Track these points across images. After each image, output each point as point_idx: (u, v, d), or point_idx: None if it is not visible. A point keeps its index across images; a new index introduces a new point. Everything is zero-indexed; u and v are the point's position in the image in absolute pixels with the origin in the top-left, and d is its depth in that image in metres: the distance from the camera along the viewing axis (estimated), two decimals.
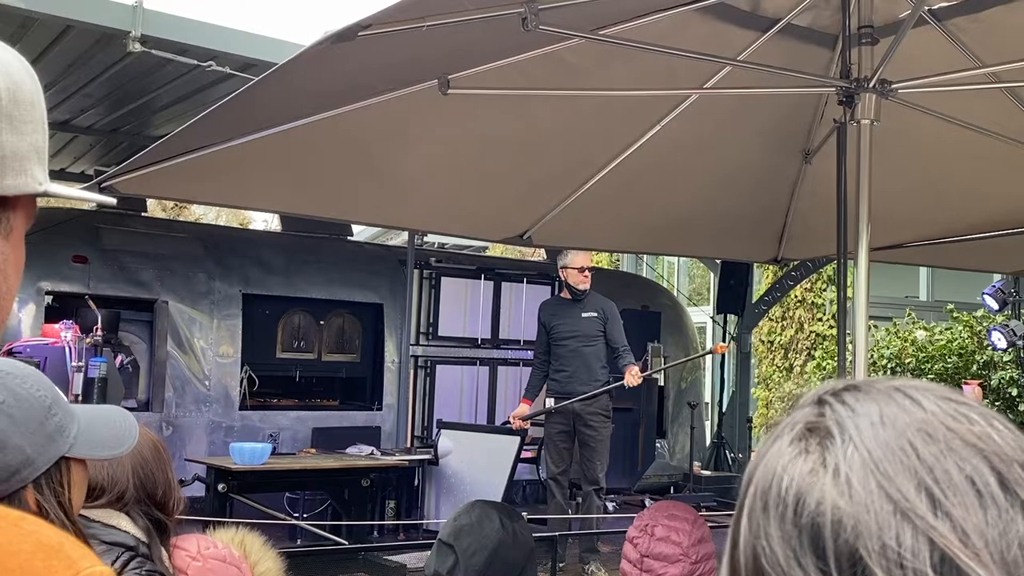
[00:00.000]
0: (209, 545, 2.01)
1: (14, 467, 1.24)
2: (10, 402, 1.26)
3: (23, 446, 1.25)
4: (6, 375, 1.29)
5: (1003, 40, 3.19)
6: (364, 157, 3.68)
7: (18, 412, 1.26)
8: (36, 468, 1.27)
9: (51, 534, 0.75)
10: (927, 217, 4.51)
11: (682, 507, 2.72)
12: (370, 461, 7.30)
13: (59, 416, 1.32)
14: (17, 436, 1.25)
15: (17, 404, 1.26)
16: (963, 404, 0.63)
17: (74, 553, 0.74)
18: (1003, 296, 8.49)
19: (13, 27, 6.29)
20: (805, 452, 0.62)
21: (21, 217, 0.85)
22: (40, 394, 1.30)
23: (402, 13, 2.34)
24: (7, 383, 1.27)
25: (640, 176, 4.12)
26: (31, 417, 1.28)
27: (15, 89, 0.82)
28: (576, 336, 6.77)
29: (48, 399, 1.31)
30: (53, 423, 1.31)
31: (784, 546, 0.59)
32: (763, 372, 13.91)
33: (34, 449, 1.26)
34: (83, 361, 6.01)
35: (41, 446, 1.28)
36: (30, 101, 0.84)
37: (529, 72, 3.25)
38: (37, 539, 0.72)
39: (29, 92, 0.84)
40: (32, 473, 1.26)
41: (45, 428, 1.29)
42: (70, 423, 1.34)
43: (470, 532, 2.01)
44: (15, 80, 0.82)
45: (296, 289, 8.43)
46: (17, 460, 1.24)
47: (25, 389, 1.28)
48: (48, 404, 1.31)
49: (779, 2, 3.25)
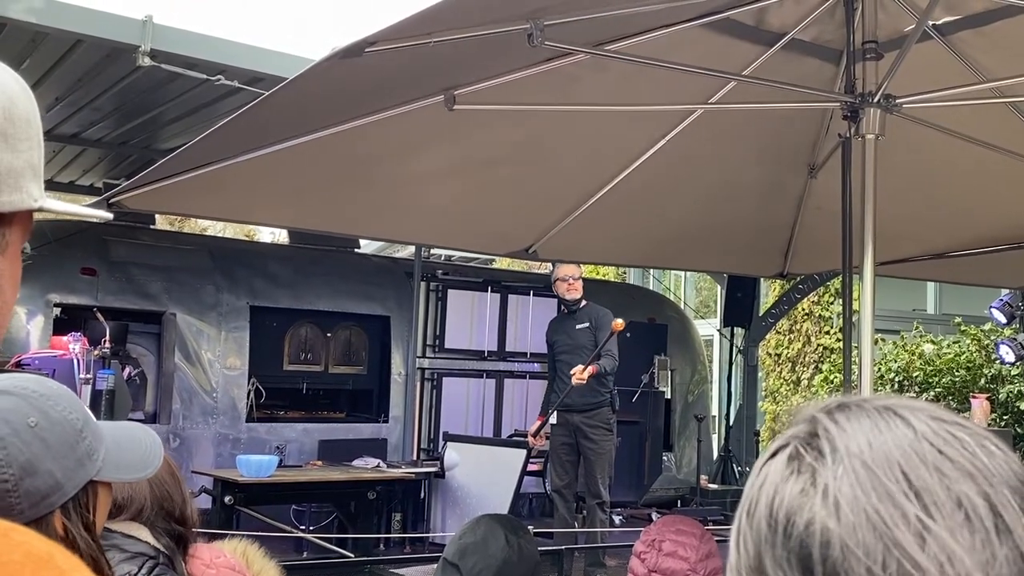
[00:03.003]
0: (219, 554, 2.04)
1: (44, 492, 1.20)
2: (43, 424, 1.22)
3: (54, 471, 1.21)
4: (40, 396, 1.24)
5: (1007, 54, 3.20)
6: (371, 172, 3.70)
7: (51, 435, 1.22)
8: (65, 493, 1.23)
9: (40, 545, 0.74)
10: (933, 231, 4.51)
11: (689, 522, 2.72)
12: (376, 473, 7.30)
13: (89, 439, 1.28)
14: (49, 461, 1.21)
15: (50, 427, 1.22)
16: (955, 424, 0.63)
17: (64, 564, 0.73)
18: (1011, 310, 8.46)
19: (24, 42, 6.34)
20: (796, 472, 0.62)
21: (17, 233, 0.86)
22: (72, 416, 1.26)
23: (408, 29, 2.36)
24: (40, 404, 1.23)
25: (645, 190, 4.12)
26: (63, 441, 1.24)
27: (10, 107, 0.83)
28: (571, 349, 6.79)
29: (80, 422, 1.27)
30: (83, 447, 1.27)
31: (774, 566, 0.60)
32: (770, 385, 13.87)
33: (64, 474, 1.23)
34: (91, 373, 6.03)
35: (71, 470, 1.24)
36: (26, 119, 0.85)
37: (534, 87, 3.26)
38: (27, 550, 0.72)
39: (25, 110, 0.85)
40: (61, 498, 1.23)
41: (76, 452, 1.25)
42: (99, 446, 1.30)
43: (475, 551, 2.00)
44: (10, 98, 0.83)
45: (303, 301, 8.45)
46: (47, 485, 1.20)
47: (58, 412, 1.24)
48: (80, 427, 1.27)
49: (784, 17, 3.26)
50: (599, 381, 6.67)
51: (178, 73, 6.48)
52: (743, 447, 11.04)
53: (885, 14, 3.08)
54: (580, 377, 6.44)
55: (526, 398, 9.48)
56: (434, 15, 2.25)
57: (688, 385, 10.77)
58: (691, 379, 10.83)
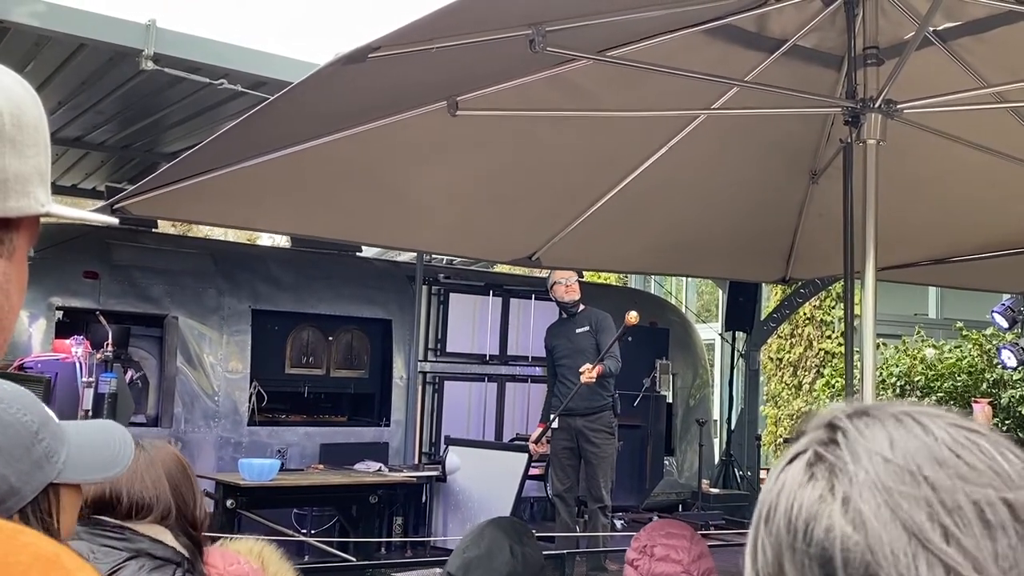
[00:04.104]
0: (232, 561, 2.03)
1: None
2: None
3: (7, 475, 1.17)
4: None
5: (1008, 60, 3.21)
6: (373, 179, 3.70)
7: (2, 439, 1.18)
8: (23, 497, 1.19)
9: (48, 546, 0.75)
10: (934, 236, 4.51)
11: (678, 524, 2.73)
12: (378, 477, 7.30)
13: (47, 441, 1.24)
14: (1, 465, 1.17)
15: (2, 431, 1.18)
16: (973, 431, 0.62)
17: (71, 564, 0.74)
18: (1012, 314, 8.46)
19: (27, 45, 6.36)
20: (814, 478, 0.62)
21: (24, 237, 0.87)
22: (26, 419, 1.22)
23: (412, 35, 2.37)
24: None
25: (648, 197, 4.13)
26: (16, 444, 1.19)
27: (19, 114, 0.84)
28: (572, 354, 6.79)
29: (35, 424, 1.23)
30: (40, 449, 1.22)
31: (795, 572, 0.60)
32: (772, 390, 13.86)
33: (19, 478, 1.19)
34: (93, 377, 6.04)
35: (27, 474, 1.20)
36: (33, 125, 0.86)
37: (537, 94, 3.27)
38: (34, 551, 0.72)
39: (32, 116, 0.86)
40: (19, 503, 1.19)
41: (31, 455, 1.21)
42: (59, 447, 1.26)
43: (479, 565, 1.99)
44: (18, 105, 0.84)
45: (305, 305, 8.46)
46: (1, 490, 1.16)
47: (10, 415, 1.20)
48: (35, 429, 1.22)
49: (786, 23, 3.27)
50: (601, 384, 6.67)
51: (181, 77, 6.50)
52: (744, 451, 11.03)
53: (886, 20, 3.09)
54: (589, 376, 6.46)
55: (527, 402, 9.48)
56: (437, 21, 2.26)
57: (689, 389, 10.76)
58: (693, 383, 10.82)
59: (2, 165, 0.82)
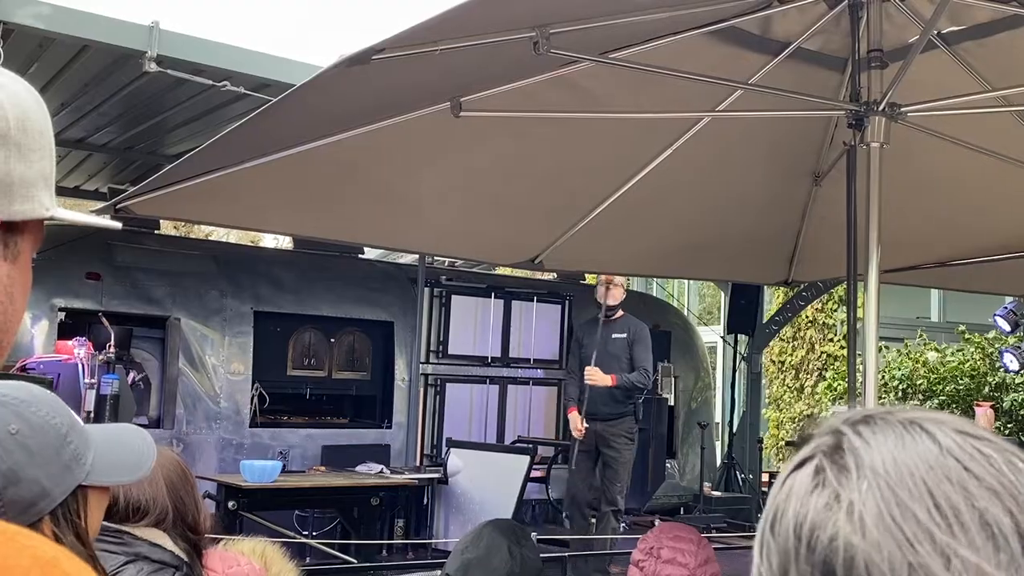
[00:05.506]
0: (232, 563, 2.03)
1: (30, 500, 1.18)
2: (25, 431, 1.19)
3: (39, 478, 1.19)
4: (21, 403, 1.22)
5: (1011, 64, 3.21)
6: (376, 180, 3.70)
7: (33, 442, 1.19)
8: (53, 499, 1.21)
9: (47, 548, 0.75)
10: (937, 239, 4.51)
11: (685, 528, 2.73)
12: (379, 479, 7.30)
13: (75, 444, 1.26)
14: (32, 468, 1.18)
15: (33, 434, 1.20)
16: (981, 440, 0.62)
17: (70, 567, 0.74)
18: (1015, 318, 8.45)
19: (31, 47, 6.37)
20: (821, 486, 0.62)
21: (28, 241, 0.87)
22: (56, 421, 1.24)
23: (416, 37, 2.37)
24: (21, 411, 1.21)
25: (650, 200, 4.13)
26: (47, 446, 1.21)
27: (24, 119, 0.84)
28: (603, 356, 6.80)
29: (64, 426, 1.25)
30: (69, 451, 1.24)
31: None
32: (774, 393, 13.85)
33: (50, 480, 1.21)
34: (96, 378, 6.04)
35: (57, 476, 1.22)
36: (39, 130, 0.86)
37: (540, 96, 3.27)
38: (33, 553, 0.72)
39: (38, 121, 0.86)
40: (49, 504, 1.21)
41: (61, 458, 1.23)
42: (86, 450, 1.28)
43: (478, 565, 2.00)
44: (24, 110, 0.85)
45: (307, 307, 8.45)
46: (33, 493, 1.18)
47: (40, 417, 1.22)
48: (64, 432, 1.24)
49: (789, 26, 3.27)
50: (626, 394, 6.71)
51: (184, 79, 6.50)
52: (746, 454, 11.01)
53: (890, 24, 3.09)
54: (594, 379, 6.48)
55: (529, 404, 9.48)
56: (442, 23, 2.26)
57: (691, 392, 10.76)
58: (694, 386, 10.82)
59: (7, 169, 0.83)
